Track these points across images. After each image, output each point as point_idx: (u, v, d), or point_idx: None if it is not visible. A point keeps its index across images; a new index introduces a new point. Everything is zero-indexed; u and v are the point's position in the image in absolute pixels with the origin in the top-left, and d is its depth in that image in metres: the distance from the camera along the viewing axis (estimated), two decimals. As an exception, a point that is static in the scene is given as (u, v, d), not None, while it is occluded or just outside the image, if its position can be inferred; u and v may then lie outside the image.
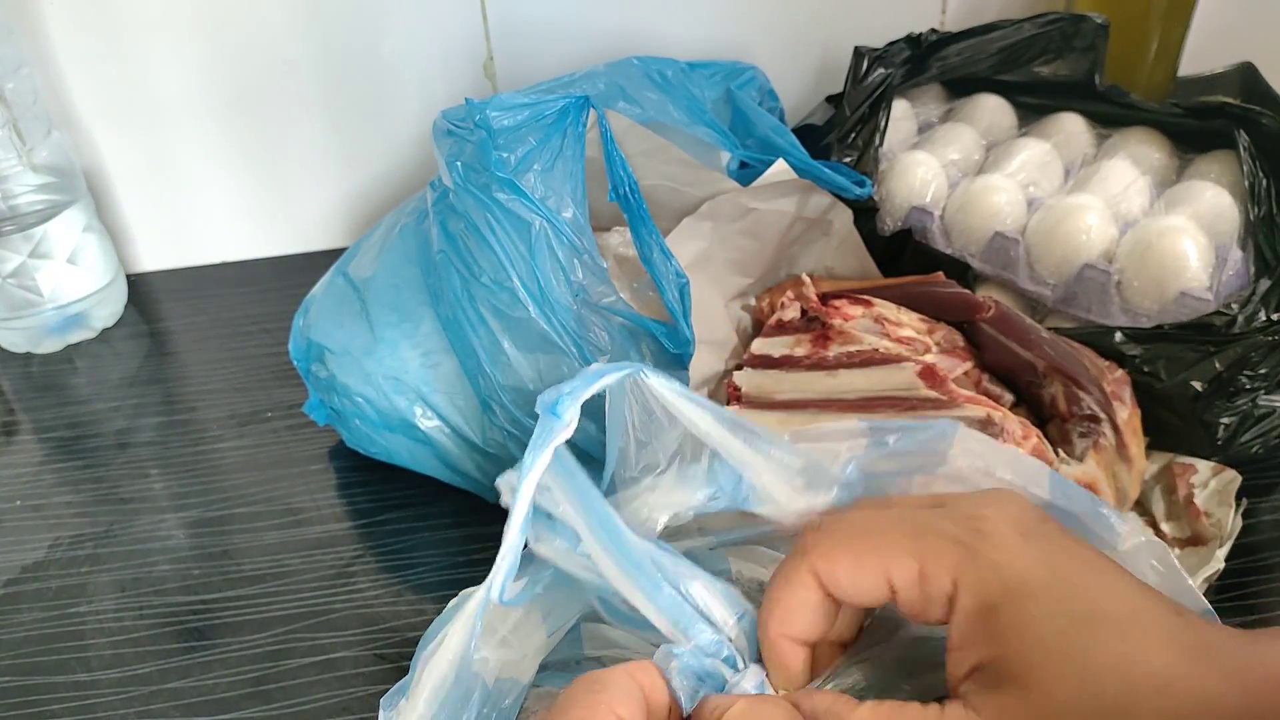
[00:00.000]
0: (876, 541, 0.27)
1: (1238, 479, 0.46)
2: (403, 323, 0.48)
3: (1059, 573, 0.26)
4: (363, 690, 0.42)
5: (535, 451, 0.30)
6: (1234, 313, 0.46)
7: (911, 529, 0.27)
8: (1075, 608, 0.25)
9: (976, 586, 0.26)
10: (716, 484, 0.34)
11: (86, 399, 0.62)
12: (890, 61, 0.58)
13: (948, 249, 0.55)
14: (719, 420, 0.33)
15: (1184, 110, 0.56)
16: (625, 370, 0.32)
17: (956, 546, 0.26)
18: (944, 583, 0.26)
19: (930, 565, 0.26)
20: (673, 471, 0.35)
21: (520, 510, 0.30)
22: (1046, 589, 0.25)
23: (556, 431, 0.30)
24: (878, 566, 0.27)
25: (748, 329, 0.56)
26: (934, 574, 0.26)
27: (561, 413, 0.30)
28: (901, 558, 0.27)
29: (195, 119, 0.69)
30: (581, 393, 0.31)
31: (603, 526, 0.31)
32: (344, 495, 0.53)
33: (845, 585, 0.28)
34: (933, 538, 0.27)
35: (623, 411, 0.35)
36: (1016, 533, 0.26)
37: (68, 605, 0.47)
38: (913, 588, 0.27)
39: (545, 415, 0.31)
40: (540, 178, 0.44)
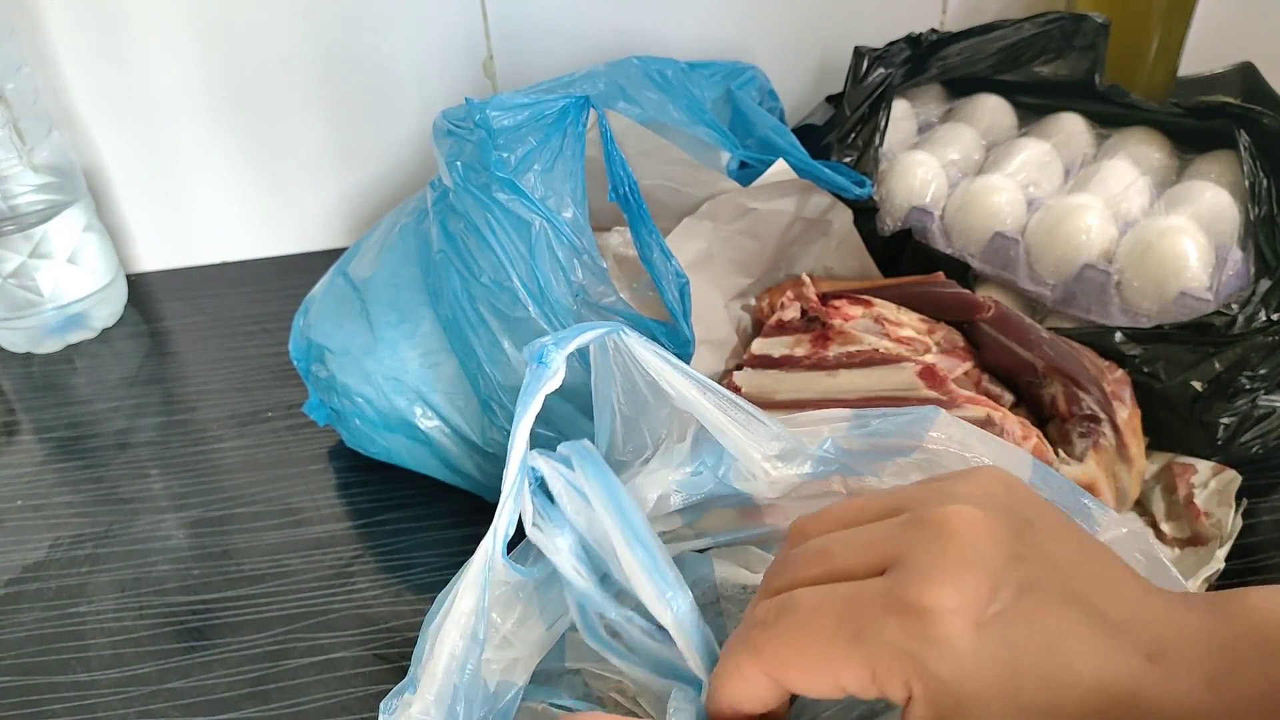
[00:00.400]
0: (823, 651, 0.26)
1: (1238, 479, 0.46)
2: (403, 323, 0.48)
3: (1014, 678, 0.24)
4: (362, 690, 0.42)
5: (524, 401, 0.31)
6: (1234, 313, 0.46)
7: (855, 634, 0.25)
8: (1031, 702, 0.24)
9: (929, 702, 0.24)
10: (699, 459, 0.34)
11: (86, 399, 0.62)
12: (890, 61, 0.58)
13: (948, 249, 0.55)
14: (693, 381, 0.33)
15: (1184, 110, 0.56)
16: (606, 328, 0.33)
17: (904, 659, 0.24)
18: (898, 691, 0.25)
19: (882, 675, 0.25)
20: (660, 453, 0.35)
21: (515, 461, 0.31)
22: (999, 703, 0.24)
23: (544, 379, 0.31)
24: (829, 676, 0.26)
25: (748, 329, 0.56)
26: (887, 683, 0.25)
27: (549, 360, 0.31)
28: (851, 668, 0.25)
29: (195, 119, 0.69)
30: (567, 343, 0.31)
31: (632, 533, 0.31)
32: (344, 495, 0.53)
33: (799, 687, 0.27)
34: (879, 649, 0.25)
35: (609, 390, 0.35)
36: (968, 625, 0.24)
37: (68, 605, 0.47)
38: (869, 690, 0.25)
39: (532, 364, 0.31)
40: (540, 178, 0.44)
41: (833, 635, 0.25)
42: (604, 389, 0.35)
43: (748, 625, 0.28)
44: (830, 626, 0.26)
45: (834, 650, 0.25)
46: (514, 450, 0.31)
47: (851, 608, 0.26)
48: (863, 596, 0.26)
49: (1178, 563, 0.44)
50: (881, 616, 0.25)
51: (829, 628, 0.26)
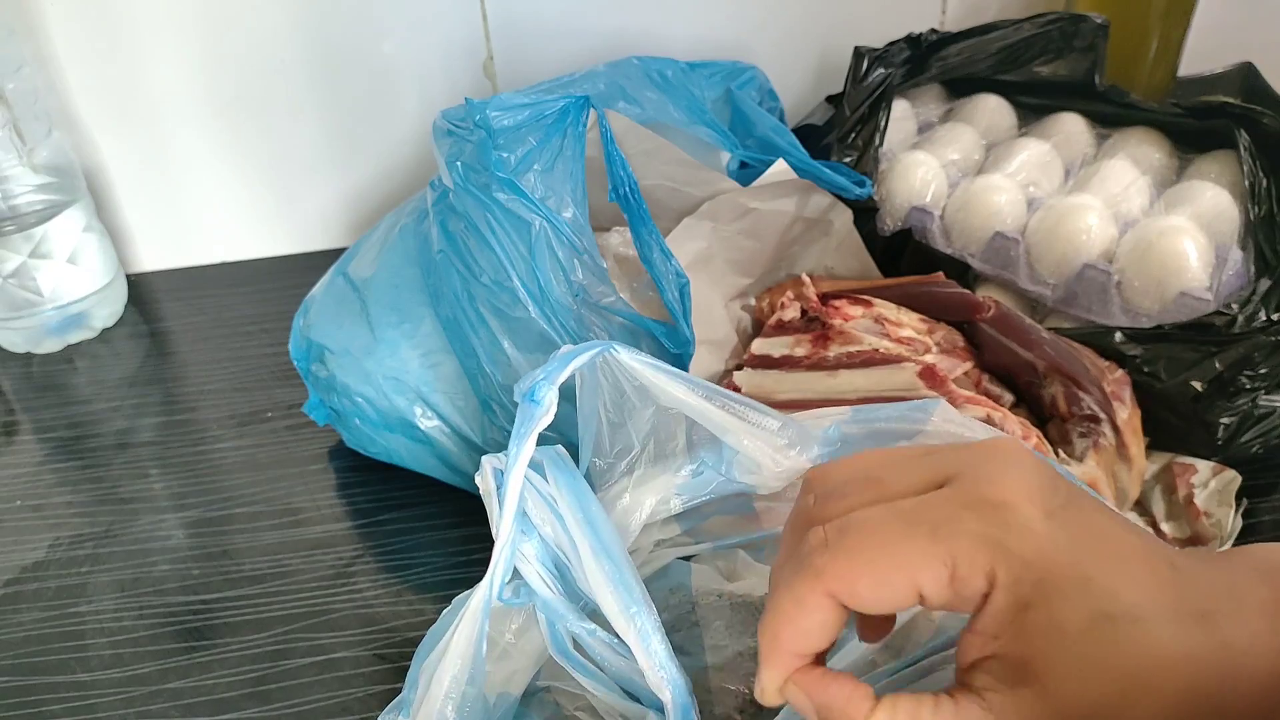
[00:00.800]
0: (899, 552, 0.25)
1: (1238, 479, 0.46)
2: (403, 323, 0.48)
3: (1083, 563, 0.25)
4: (362, 690, 0.42)
5: (519, 440, 0.30)
6: (1234, 313, 0.46)
7: (931, 530, 0.25)
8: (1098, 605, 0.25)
9: (1012, 585, 0.25)
10: (698, 458, 0.34)
11: (86, 399, 0.62)
12: (890, 61, 0.58)
13: (948, 249, 0.55)
14: (694, 388, 0.33)
15: (1184, 110, 0.56)
16: (595, 349, 0.32)
17: (987, 546, 0.25)
18: (978, 583, 0.25)
19: (963, 568, 0.25)
20: (648, 453, 0.35)
21: (511, 501, 0.30)
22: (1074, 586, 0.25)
23: (537, 418, 0.30)
24: (905, 580, 0.25)
25: (748, 329, 0.56)
26: (967, 576, 0.25)
27: (540, 398, 0.30)
28: (930, 565, 0.25)
29: (195, 119, 0.69)
30: (557, 375, 0.31)
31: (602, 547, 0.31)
32: (344, 495, 0.53)
33: (869, 602, 0.26)
34: (961, 539, 0.25)
35: (594, 396, 0.35)
36: (1041, 513, 0.26)
37: (68, 605, 0.47)
38: (944, 592, 0.25)
39: (524, 403, 0.30)
40: (540, 178, 0.44)
41: (908, 536, 0.26)
42: (589, 398, 0.35)
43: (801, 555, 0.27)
44: (903, 530, 0.26)
45: (911, 548, 0.25)
46: (509, 493, 0.30)
47: (923, 510, 0.26)
48: (932, 501, 0.26)
49: (1178, 563, 0.44)
50: (959, 512, 0.26)
51: (902, 531, 0.26)
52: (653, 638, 0.30)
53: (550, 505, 0.32)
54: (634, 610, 0.30)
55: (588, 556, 0.31)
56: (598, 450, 0.35)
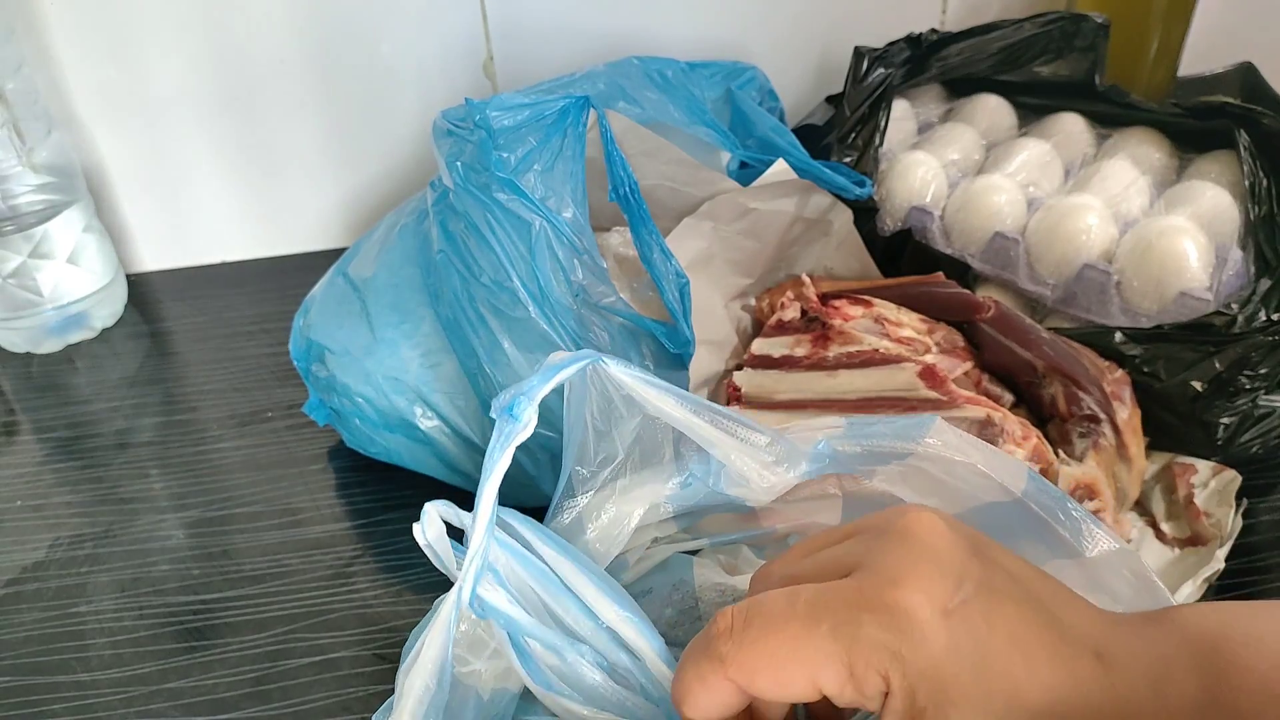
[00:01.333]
0: (798, 649, 0.26)
1: (1238, 479, 0.46)
2: (403, 323, 0.48)
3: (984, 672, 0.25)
4: (362, 690, 0.42)
5: (493, 455, 0.30)
6: (1234, 313, 0.46)
7: (831, 630, 0.25)
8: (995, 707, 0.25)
9: (908, 692, 0.25)
10: (686, 469, 0.34)
11: (86, 399, 0.62)
12: (890, 61, 0.58)
13: (948, 249, 0.55)
14: (682, 401, 0.32)
15: (1184, 110, 0.56)
16: (583, 360, 0.32)
17: (882, 652, 0.25)
18: (876, 684, 0.25)
19: (859, 670, 0.25)
20: (633, 462, 0.35)
21: (484, 513, 0.30)
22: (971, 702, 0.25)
23: (515, 433, 0.30)
24: (804, 675, 0.26)
25: (748, 329, 0.56)
26: (864, 678, 0.25)
27: (519, 414, 0.30)
28: (828, 664, 0.25)
29: (195, 119, 0.69)
30: (538, 391, 0.30)
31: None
32: (344, 495, 0.53)
33: (768, 692, 0.27)
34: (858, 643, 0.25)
35: (582, 403, 0.34)
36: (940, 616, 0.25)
37: (68, 605, 0.47)
38: (844, 690, 0.26)
39: (502, 416, 0.30)
40: (540, 178, 0.44)
41: (807, 634, 0.26)
42: (577, 406, 0.35)
43: (709, 636, 0.27)
44: (804, 627, 0.26)
45: (809, 647, 0.26)
46: (481, 509, 0.30)
47: (823, 606, 0.26)
48: (832, 595, 0.26)
49: (1178, 563, 0.44)
50: (856, 613, 0.25)
51: (803, 628, 0.26)
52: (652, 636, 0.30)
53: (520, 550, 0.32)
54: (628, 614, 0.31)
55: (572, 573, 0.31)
56: (581, 458, 0.35)
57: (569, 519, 0.35)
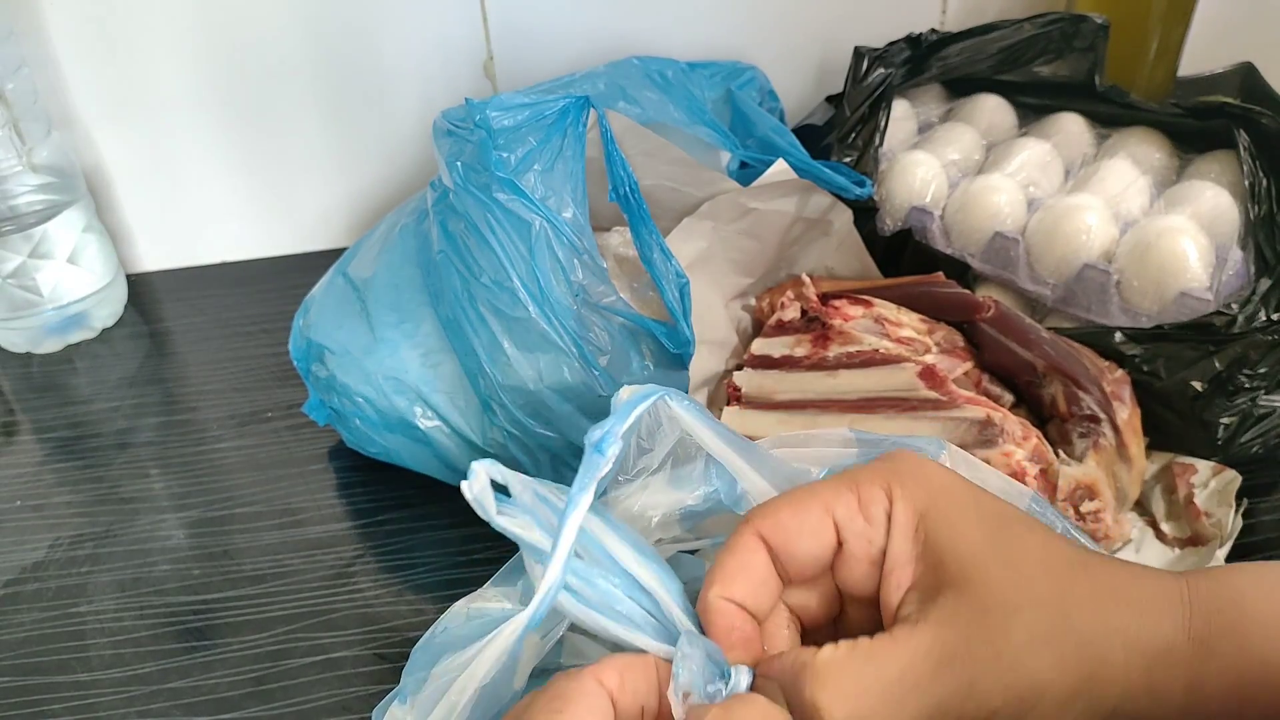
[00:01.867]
0: (814, 490, 0.30)
1: (1238, 479, 0.46)
2: (403, 323, 0.48)
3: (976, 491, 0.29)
4: (363, 690, 0.42)
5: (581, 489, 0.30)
6: (1234, 312, 0.46)
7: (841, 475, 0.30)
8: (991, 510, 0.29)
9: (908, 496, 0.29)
10: (712, 484, 0.35)
11: (86, 399, 0.62)
12: (890, 61, 0.58)
13: (948, 249, 0.55)
14: (729, 443, 0.34)
15: (1184, 110, 0.56)
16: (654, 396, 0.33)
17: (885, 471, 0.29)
18: (880, 499, 0.29)
19: (865, 490, 0.29)
20: (666, 471, 0.36)
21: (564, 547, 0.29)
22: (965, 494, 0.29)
23: (599, 468, 0.31)
24: (819, 506, 0.29)
25: (748, 329, 0.56)
26: (870, 496, 0.29)
27: (606, 449, 0.31)
28: (838, 492, 0.29)
29: (195, 119, 0.69)
30: (620, 429, 0.32)
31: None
32: (344, 495, 0.53)
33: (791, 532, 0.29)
34: (863, 471, 0.30)
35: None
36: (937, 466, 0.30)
37: (68, 605, 0.47)
38: (855, 518, 0.29)
39: (591, 453, 0.31)
40: (540, 178, 0.44)
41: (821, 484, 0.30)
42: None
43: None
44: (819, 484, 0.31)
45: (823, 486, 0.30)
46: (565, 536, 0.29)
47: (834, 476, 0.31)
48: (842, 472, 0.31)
49: (1178, 563, 0.45)
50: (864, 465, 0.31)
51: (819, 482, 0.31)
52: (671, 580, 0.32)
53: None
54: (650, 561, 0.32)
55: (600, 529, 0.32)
56: (622, 468, 0.36)
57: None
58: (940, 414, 0.45)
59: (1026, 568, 0.28)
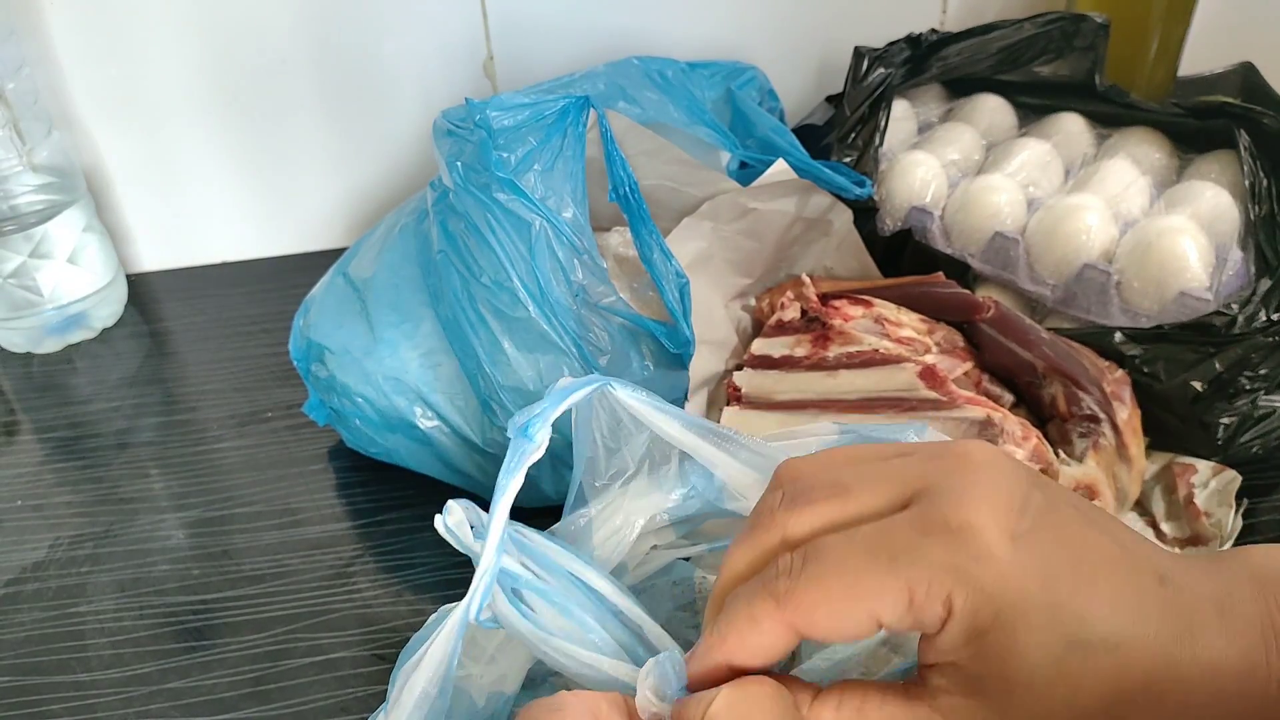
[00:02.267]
0: (858, 584, 0.25)
1: (1238, 479, 0.46)
2: (403, 323, 0.48)
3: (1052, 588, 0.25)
4: (362, 690, 0.42)
5: (508, 474, 0.30)
6: (1234, 313, 0.46)
7: (890, 559, 0.25)
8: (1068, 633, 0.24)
9: (970, 614, 0.24)
10: (689, 484, 0.34)
11: (86, 399, 0.62)
12: (890, 61, 0.58)
13: (948, 249, 0.55)
14: (687, 425, 0.33)
15: (1184, 110, 0.56)
16: (593, 384, 0.32)
17: (946, 574, 0.24)
18: (937, 610, 0.25)
19: (920, 595, 0.25)
20: (643, 475, 0.35)
21: (495, 531, 0.30)
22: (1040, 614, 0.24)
23: (528, 453, 0.30)
24: (863, 611, 0.25)
25: (748, 329, 0.56)
26: (925, 603, 0.25)
27: (533, 434, 0.31)
28: (888, 595, 0.25)
29: (195, 119, 0.69)
30: (551, 412, 0.31)
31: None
32: (344, 495, 0.53)
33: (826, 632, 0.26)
34: (919, 568, 0.25)
35: (590, 422, 0.35)
36: (1006, 537, 0.25)
37: (68, 605, 0.47)
38: (903, 619, 0.25)
39: (517, 437, 0.31)
40: (540, 178, 0.44)
41: (868, 567, 0.25)
42: (585, 424, 0.35)
43: (765, 577, 0.27)
44: (864, 560, 0.25)
45: (870, 581, 0.25)
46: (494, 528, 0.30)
47: (884, 538, 0.26)
48: (895, 527, 0.26)
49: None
50: (919, 539, 0.25)
51: (863, 561, 0.25)
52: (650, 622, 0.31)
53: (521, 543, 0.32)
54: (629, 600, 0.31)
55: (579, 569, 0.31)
56: (592, 472, 0.36)
57: (579, 526, 0.36)
58: (940, 414, 0.45)
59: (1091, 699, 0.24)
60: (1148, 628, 0.25)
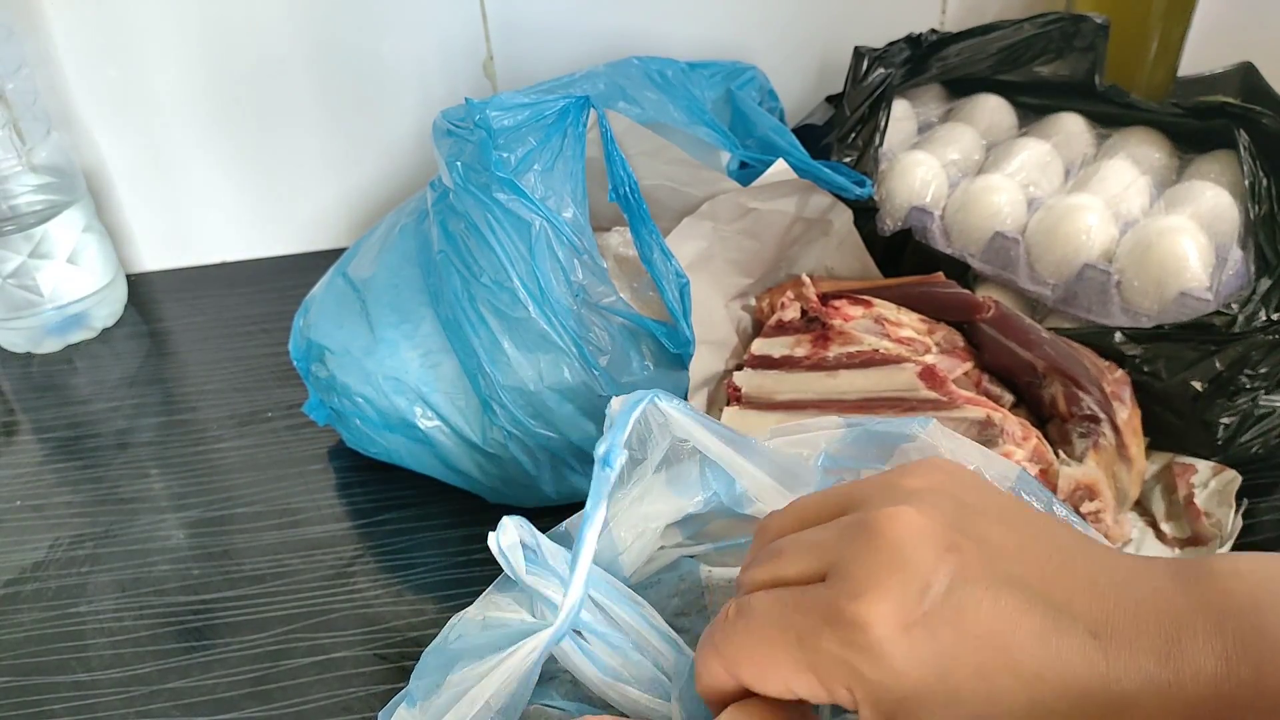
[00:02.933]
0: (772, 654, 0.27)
1: (1238, 479, 0.46)
2: (403, 323, 0.48)
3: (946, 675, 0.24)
4: (363, 690, 0.42)
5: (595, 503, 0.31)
6: (1234, 312, 0.46)
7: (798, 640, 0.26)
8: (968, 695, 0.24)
9: (873, 704, 0.25)
10: (710, 488, 0.35)
11: (86, 399, 0.62)
12: (890, 61, 0.58)
13: (948, 249, 0.55)
14: (723, 439, 0.34)
15: (1184, 110, 0.56)
16: (645, 399, 0.33)
17: (840, 666, 0.25)
18: (843, 695, 0.26)
19: (825, 680, 0.26)
20: (662, 477, 0.36)
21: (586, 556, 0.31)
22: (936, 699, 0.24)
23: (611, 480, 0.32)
24: (777, 679, 0.27)
25: (748, 329, 0.56)
26: (833, 689, 0.26)
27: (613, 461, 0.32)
28: (798, 674, 0.26)
29: (195, 119, 0.69)
30: (621, 437, 0.32)
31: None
32: (344, 495, 0.53)
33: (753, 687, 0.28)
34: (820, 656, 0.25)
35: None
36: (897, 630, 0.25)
37: (68, 605, 0.47)
38: (816, 694, 0.26)
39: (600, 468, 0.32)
40: (540, 178, 0.44)
41: (779, 640, 0.26)
42: None
43: (713, 622, 0.29)
44: (776, 633, 0.27)
45: (781, 655, 0.26)
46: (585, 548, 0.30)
47: (794, 615, 0.27)
48: (804, 604, 0.26)
49: (1178, 563, 0.44)
50: (820, 626, 0.26)
51: (775, 634, 0.27)
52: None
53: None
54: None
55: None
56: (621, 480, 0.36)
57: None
58: (940, 414, 0.44)
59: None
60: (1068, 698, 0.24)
